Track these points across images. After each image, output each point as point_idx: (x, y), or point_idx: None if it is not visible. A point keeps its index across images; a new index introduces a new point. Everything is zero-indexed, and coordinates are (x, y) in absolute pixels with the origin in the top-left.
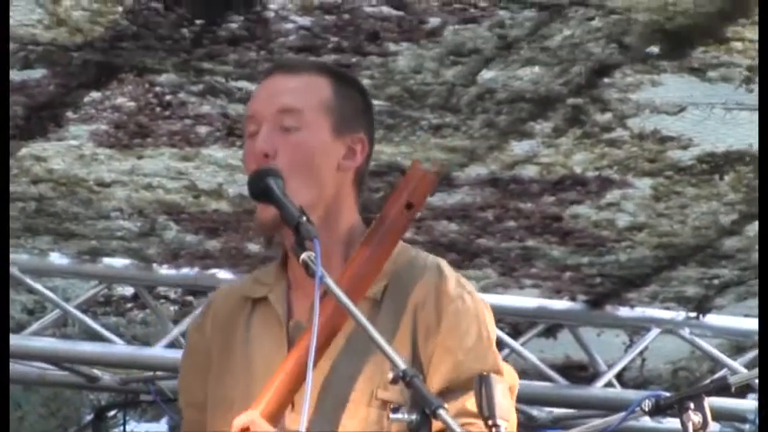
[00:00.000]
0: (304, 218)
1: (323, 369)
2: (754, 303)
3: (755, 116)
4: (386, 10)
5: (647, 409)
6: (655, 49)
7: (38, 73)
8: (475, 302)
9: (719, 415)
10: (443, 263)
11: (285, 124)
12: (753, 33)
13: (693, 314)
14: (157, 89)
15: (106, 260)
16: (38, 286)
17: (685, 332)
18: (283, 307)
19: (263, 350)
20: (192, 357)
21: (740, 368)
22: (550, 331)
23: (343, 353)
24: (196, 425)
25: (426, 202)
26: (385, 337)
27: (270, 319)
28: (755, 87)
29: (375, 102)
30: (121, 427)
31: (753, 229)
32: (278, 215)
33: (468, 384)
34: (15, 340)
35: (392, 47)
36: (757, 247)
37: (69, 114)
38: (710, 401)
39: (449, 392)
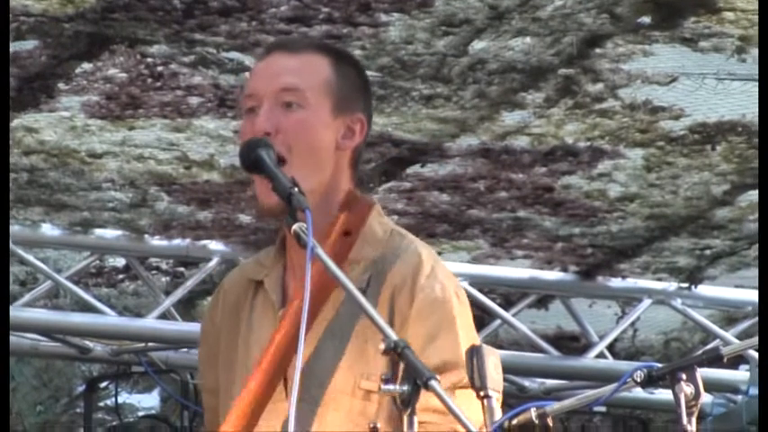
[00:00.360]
0: (296, 188)
1: (304, 357)
2: (746, 274)
3: (747, 86)
4: None
5: (638, 381)
6: (646, 20)
7: (29, 44)
8: (445, 292)
9: (712, 386)
10: (426, 251)
11: (286, 101)
12: (744, 3)
13: (685, 285)
14: (149, 60)
15: (98, 231)
16: (30, 257)
17: (677, 303)
18: (277, 292)
19: (260, 337)
20: (204, 344)
21: (732, 339)
22: (542, 302)
23: (324, 340)
24: (212, 411)
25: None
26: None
27: (266, 304)
28: (747, 57)
29: (366, 72)
30: (113, 398)
31: (745, 199)
32: (265, 210)
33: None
34: None
35: (383, 17)
36: (750, 217)
37: (61, 86)
38: (703, 372)
39: None
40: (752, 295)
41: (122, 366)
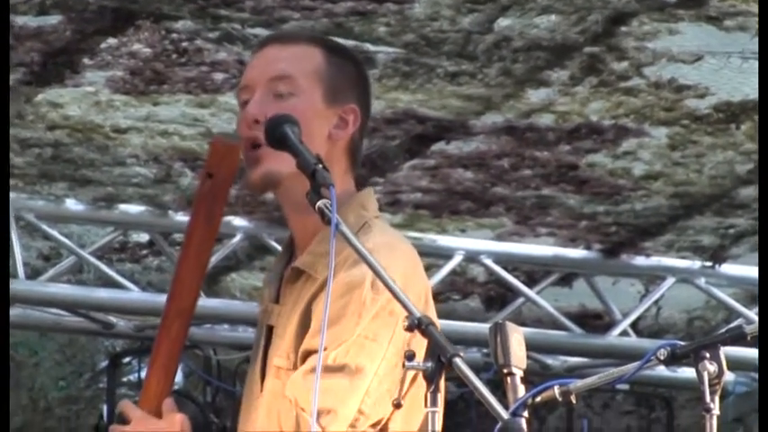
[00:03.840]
0: (320, 165)
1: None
2: None
3: None
4: None
5: (662, 359)
6: None
7: (54, 19)
8: (353, 287)
9: (735, 364)
10: (375, 248)
11: (278, 91)
12: None
13: (709, 263)
14: (174, 36)
15: (122, 207)
16: (53, 233)
17: (701, 281)
18: (271, 289)
19: (258, 337)
20: None
21: (755, 317)
22: (566, 280)
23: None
24: None
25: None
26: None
27: (263, 302)
28: None
29: (391, 49)
30: (136, 374)
31: None
32: (267, 175)
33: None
34: (31, 286)
35: None
36: None
37: (85, 61)
38: (726, 351)
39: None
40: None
41: (146, 342)
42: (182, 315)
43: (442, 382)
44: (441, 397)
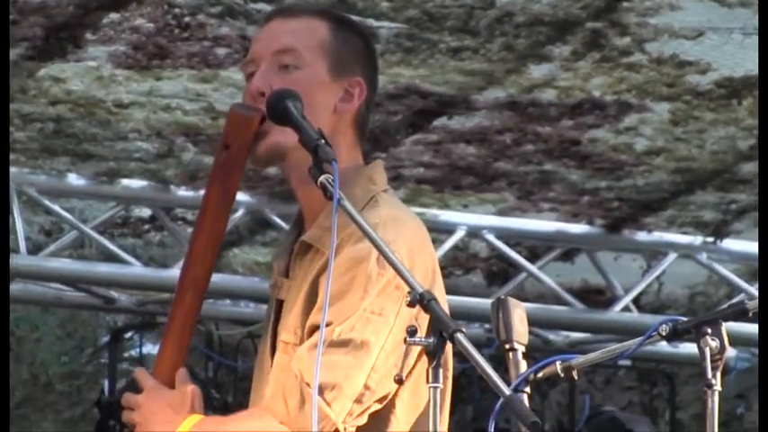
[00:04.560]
0: (322, 140)
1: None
2: None
3: None
4: None
5: (664, 334)
6: None
7: None
8: (358, 262)
9: (736, 340)
10: (381, 222)
11: (283, 63)
12: None
13: (711, 239)
14: (176, 11)
15: (124, 181)
16: (55, 207)
17: (702, 257)
18: (281, 263)
19: (268, 316)
20: None
21: (757, 293)
22: (568, 255)
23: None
24: None
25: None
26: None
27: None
28: None
29: (393, 24)
30: (138, 349)
31: None
32: (272, 148)
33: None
34: (33, 261)
35: None
36: None
37: (88, 35)
38: (728, 326)
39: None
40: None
41: (147, 317)
42: (195, 285)
43: (450, 358)
44: (442, 373)
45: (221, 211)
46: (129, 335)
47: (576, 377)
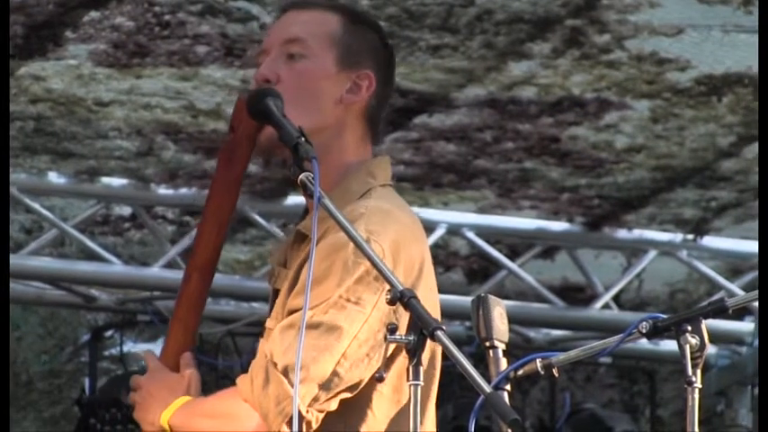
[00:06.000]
0: (302, 138)
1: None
2: (751, 226)
3: (754, 38)
4: None
5: (644, 332)
6: None
7: None
8: (337, 249)
9: (717, 337)
10: (367, 212)
11: (290, 52)
12: None
13: (691, 236)
14: (156, 9)
15: (104, 180)
16: (36, 206)
17: (683, 254)
18: (281, 252)
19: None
20: None
21: (737, 290)
22: (548, 253)
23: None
24: None
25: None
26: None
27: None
28: (754, 9)
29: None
30: (118, 348)
31: (751, 151)
32: (273, 137)
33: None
34: (13, 260)
35: None
36: (756, 168)
37: (68, 34)
38: (708, 324)
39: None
40: (757, 247)
41: (128, 315)
42: (200, 269)
43: (438, 356)
44: (429, 370)
45: (227, 194)
46: (109, 333)
47: (556, 375)
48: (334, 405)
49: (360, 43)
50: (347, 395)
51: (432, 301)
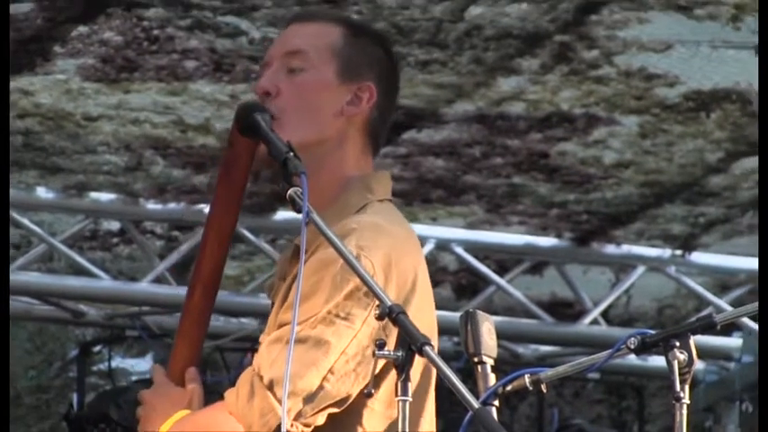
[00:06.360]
0: (291, 153)
1: None
2: (739, 241)
3: (742, 54)
4: None
5: (632, 347)
6: None
7: (25, 6)
8: (326, 264)
9: (705, 353)
10: (358, 227)
11: (291, 65)
12: None
13: (679, 252)
14: (145, 23)
15: (93, 194)
16: (24, 220)
17: (671, 270)
18: (282, 266)
19: None
20: None
21: (725, 306)
22: (536, 268)
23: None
24: None
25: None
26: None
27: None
28: (742, 25)
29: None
30: (107, 363)
31: (739, 166)
32: (266, 150)
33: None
34: None
35: None
36: (744, 184)
37: (57, 48)
38: (696, 339)
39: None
40: (745, 263)
41: (116, 330)
42: (204, 283)
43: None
44: (422, 385)
45: (229, 207)
46: (97, 348)
47: (544, 390)
48: (321, 419)
49: (361, 55)
50: (335, 410)
51: (427, 315)
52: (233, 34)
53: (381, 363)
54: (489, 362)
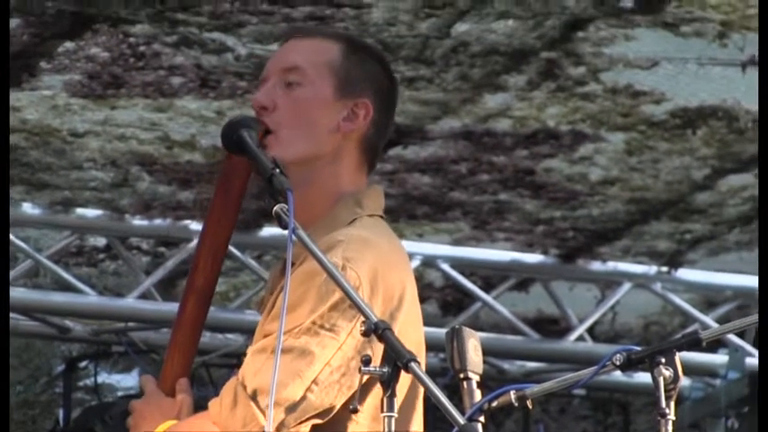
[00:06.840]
0: (277, 170)
1: None
2: (725, 258)
3: (728, 71)
4: None
5: (618, 364)
6: (628, 4)
7: (12, 22)
8: (312, 276)
9: (690, 370)
10: (345, 240)
11: (288, 80)
12: None
13: (665, 269)
14: (131, 40)
15: (79, 210)
16: (10, 236)
17: (657, 287)
18: (269, 282)
19: None
20: None
21: (711, 323)
22: (522, 285)
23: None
24: None
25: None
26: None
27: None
28: (728, 42)
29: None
30: (92, 378)
31: (725, 183)
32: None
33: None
34: None
35: None
36: (730, 201)
37: (43, 64)
38: (682, 356)
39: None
40: (731, 279)
41: (102, 346)
42: (196, 293)
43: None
44: (410, 399)
45: (224, 219)
46: (83, 364)
47: (530, 406)
48: (304, 430)
49: (359, 72)
50: (318, 421)
51: (415, 330)
52: (219, 50)
53: (366, 377)
54: (475, 378)
